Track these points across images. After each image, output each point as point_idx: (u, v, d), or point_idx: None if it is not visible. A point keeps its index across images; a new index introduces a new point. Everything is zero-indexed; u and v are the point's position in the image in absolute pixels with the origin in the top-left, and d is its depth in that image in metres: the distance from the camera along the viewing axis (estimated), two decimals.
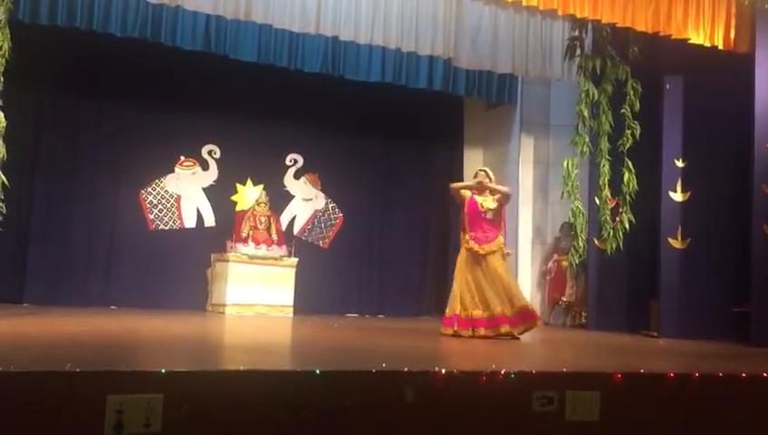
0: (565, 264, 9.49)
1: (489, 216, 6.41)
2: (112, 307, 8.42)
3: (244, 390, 2.84)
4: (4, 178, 5.89)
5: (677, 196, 7.86)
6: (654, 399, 3.52)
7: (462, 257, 6.42)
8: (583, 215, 7.88)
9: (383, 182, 10.46)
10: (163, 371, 2.75)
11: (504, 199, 6.55)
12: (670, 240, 7.79)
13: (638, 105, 7.82)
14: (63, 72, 8.62)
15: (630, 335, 7.64)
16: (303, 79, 9.05)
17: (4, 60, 5.92)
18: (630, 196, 7.69)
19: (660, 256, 7.79)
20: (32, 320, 5.93)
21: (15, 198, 7.92)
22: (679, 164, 7.88)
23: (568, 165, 7.60)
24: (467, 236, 6.38)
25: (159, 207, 9.26)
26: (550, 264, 10.02)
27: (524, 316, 6.26)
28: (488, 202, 6.44)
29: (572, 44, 7.95)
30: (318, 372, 3.01)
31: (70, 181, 8.77)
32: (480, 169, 6.74)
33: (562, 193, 7.60)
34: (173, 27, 8.20)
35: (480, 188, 6.52)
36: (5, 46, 5.93)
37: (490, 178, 6.54)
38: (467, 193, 6.54)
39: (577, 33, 7.93)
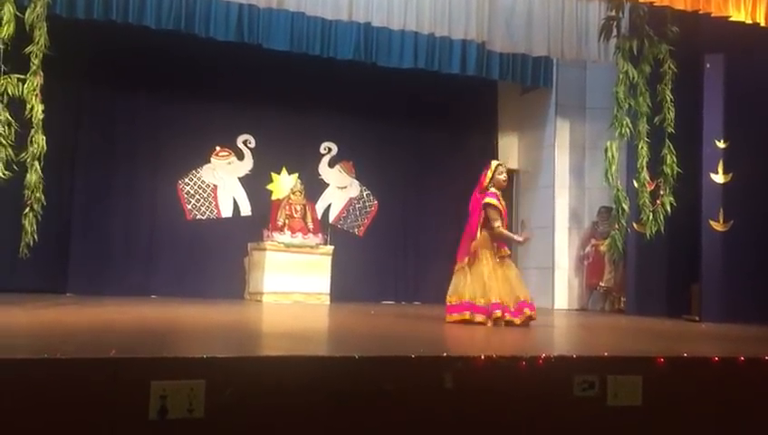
0: (603, 248, 9.34)
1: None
2: (153, 296, 8.55)
3: (284, 375, 2.86)
4: (40, 171, 5.96)
5: (719, 177, 7.71)
6: (698, 383, 3.46)
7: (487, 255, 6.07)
8: (626, 199, 7.72)
9: (417, 169, 10.42)
10: (205, 357, 2.78)
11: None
12: (711, 223, 7.65)
13: (676, 85, 7.66)
14: (100, 65, 8.74)
15: (671, 320, 7.53)
16: (336, 66, 9.05)
17: (41, 53, 6.01)
18: (672, 178, 7.54)
19: (701, 238, 7.66)
20: (76, 309, 6.05)
21: (57, 191, 8.11)
22: (720, 145, 7.72)
23: (611, 148, 7.40)
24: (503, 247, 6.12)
25: (197, 197, 9.36)
26: (587, 248, 9.91)
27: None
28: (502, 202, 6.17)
29: (608, 24, 7.80)
30: (357, 357, 3.02)
31: (109, 174, 8.92)
32: (500, 165, 6.23)
33: (606, 176, 7.44)
34: (206, 18, 8.27)
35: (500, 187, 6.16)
36: (42, 40, 6.01)
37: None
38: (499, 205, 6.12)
39: (613, 13, 7.78)
